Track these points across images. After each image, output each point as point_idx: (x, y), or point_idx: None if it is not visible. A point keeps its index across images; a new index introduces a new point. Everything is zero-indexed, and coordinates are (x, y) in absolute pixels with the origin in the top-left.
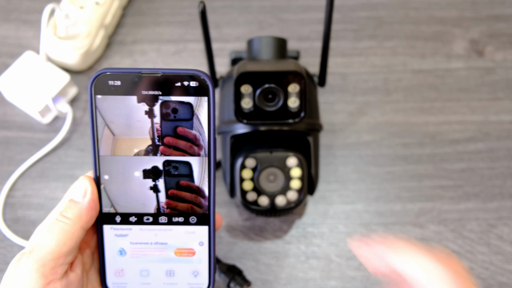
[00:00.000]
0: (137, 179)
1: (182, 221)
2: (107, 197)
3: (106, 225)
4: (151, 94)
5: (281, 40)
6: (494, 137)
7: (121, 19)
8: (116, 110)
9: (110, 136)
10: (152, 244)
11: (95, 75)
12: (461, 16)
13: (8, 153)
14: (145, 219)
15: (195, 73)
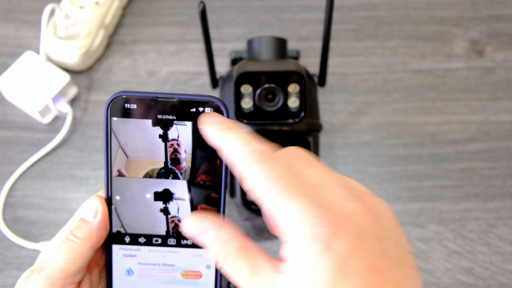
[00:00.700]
0: (148, 201)
1: (191, 244)
2: (117, 217)
3: (115, 244)
4: (166, 118)
5: (281, 40)
6: (494, 137)
7: (121, 19)
8: (131, 132)
9: (124, 157)
10: (159, 266)
11: (112, 98)
12: (461, 16)
13: (8, 153)
14: (154, 241)
15: (210, 100)
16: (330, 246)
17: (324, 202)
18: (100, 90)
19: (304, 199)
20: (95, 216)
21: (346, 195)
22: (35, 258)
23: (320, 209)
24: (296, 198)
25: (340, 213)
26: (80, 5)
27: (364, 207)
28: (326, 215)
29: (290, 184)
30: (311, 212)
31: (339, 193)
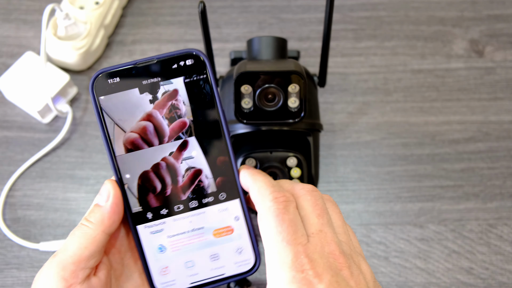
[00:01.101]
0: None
1: (213, 200)
2: (133, 195)
3: (139, 225)
4: (151, 82)
5: (281, 40)
6: (494, 137)
7: (121, 19)
8: (122, 106)
9: (122, 133)
10: (189, 233)
11: (94, 77)
12: (461, 16)
13: (8, 153)
14: (176, 209)
15: (188, 51)
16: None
17: (313, 253)
18: None
19: (295, 248)
20: (107, 200)
21: (335, 250)
22: (35, 258)
23: (306, 259)
24: (291, 246)
25: (324, 265)
26: (80, 5)
27: (348, 267)
28: (311, 266)
29: (291, 232)
30: (298, 260)
31: (330, 247)
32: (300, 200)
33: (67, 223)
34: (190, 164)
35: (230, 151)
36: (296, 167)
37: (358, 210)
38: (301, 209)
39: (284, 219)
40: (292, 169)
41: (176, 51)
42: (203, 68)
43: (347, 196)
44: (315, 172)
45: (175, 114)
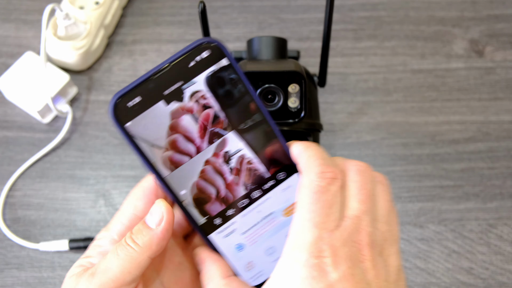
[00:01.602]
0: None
1: (274, 183)
2: (195, 210)
3: (211, 234)
4: (173, 90)
5: (281, 40)
6: (494, 137)
7: (121, 19)
8: (151, 125)
9: (160, 153)
10: (261, 222)
11: (112, 106)
12: (461, 16)
13: (8, 153)
14: (240, 205)
15: (201, 42)
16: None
17: (338, 240)
18: (100, 90)
19: (320, 232)
20: (159, 224)
21: (363, 240)
22: (35, 258)
23: (327, 245)
24: (316, 229)
25: (344, 254)
26: (80, 5)
27: (371, 259)
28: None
29: (323, 214)
30: (318, 246)
31: (358, 236)
32: (347, 179)
33: (67, 223)
34: (239, 158)
35: (274, 127)
36: None
37: None
38: (346, 189)
39: (320, 199)
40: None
41: (187, 47)
42: (221, 55)
43: None
44: None
45: (210, 114)
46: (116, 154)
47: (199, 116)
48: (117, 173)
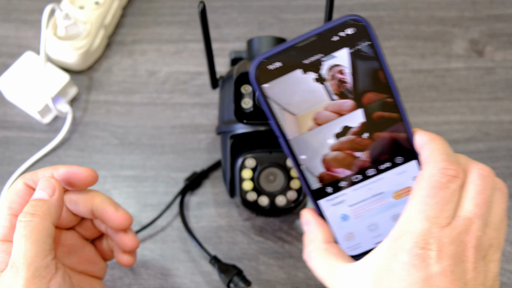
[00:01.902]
0: (334, 143)
1: (390, 165)
2: (311, 174)
3: (320, 199)
4: (313, 59)
5: (281, 40)
6: (494, 137)
7: (121, 19)
8: (287, 90)
9: (291, 117)
10: (369, 199)
11: (254, 66)
12: (461, 16)
13: (8, 153)
14: (354, 179)
15: (347, 20)
16: (422, 268)
17: (446, 237)
18: (100, 90)
19: (431, 226)
20: (52, 194)
21: (470, 242)
22: None
23: (435, 240)
24: (427, 223)
25: (450, 252)
26: (80, 5)
27: (474, 262)
28: (436, 247)
29: (437, 210)
30: (426, 239)
31: (467, 237)
32: (468, 180)
33: None
34: (365, 136)
35: (402, 113)
36: None
37: None
38: (464, 189)
39: (438, 195)
40: (292, 169)
41: (334, 22)
42: (366, 34)
43: None
44: None
45: (343, 89)
46: (116, 154)
47: (334, 89)
48: (117, 173)
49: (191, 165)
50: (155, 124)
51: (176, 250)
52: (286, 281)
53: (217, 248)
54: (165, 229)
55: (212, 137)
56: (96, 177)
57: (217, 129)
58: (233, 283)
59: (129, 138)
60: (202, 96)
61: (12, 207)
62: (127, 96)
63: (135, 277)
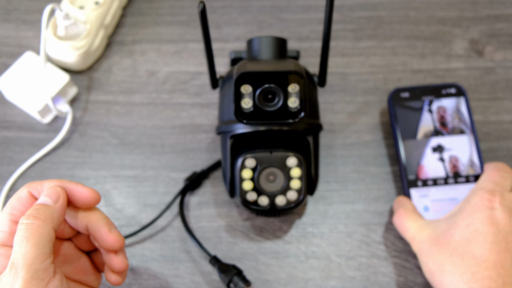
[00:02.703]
0: (430, 153)
1: (465, 180)
2: (410, 167)
3: (412, 188)
4: (428, 99)
5: (281, 40)
6: (494, 137)
7: (121, 19)
8: (407, 110)
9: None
10: (446, 200)
11: (393, 92)
12: (461, 16)
13: (8, 153)
14: (438, 182)
15: (452, 84)
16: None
17: (506, 195)
18: (100, 90)
19: (496, 187)
20: (56, 201)
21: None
22: None
23: (499, 196)
24: (494, 184)
25: (507, 205)
26: (80, 5)
27: None
28: (499, 198)
29: (499, 180)
30: (492, 191)
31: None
32: None
33: None
34: (451, 154)
35: (479, 156)
36: (296, 167)
37: (358, 210)
38: None
39: (500, 171)
40: (292, 169)
41: (443, 84)
42: (462, 94)
43: (347, 196)
44: (315, 172)
45: (443, 121)
46: (116, 154)
47: (437, 118)
48: (117, 173)
49: (191, 165)
50: (155, 124)
51: (176, 250)
52: (286, 281)
53: (217, 248)
54: (165, 229)
55: (212, 137)
56: (98, 199)
57: (217, 129)
58: (233, 283)
59: (129, 138)
60: (202, 96)
61: (13, 213)
62: (127, 96)
63: (135, 277)
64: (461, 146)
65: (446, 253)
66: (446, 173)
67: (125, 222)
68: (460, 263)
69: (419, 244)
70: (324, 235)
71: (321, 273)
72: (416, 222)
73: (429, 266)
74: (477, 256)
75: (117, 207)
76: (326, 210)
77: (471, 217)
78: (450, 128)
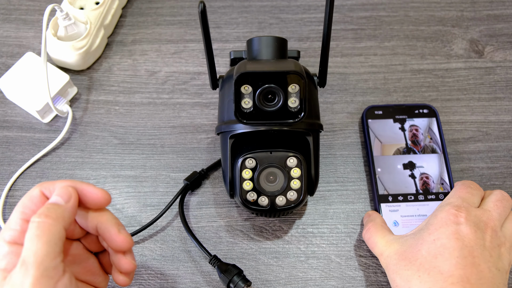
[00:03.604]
0: (399, 170)
1: (434, 198)
2: (381, 183)
3: (383, 203)
4: (401, 118)
5: (281, 40)
6: (494, 137)
7: (121, 19)
8: (381, 127)
9: (379, 143)
10: (416, 216)
11: (366, 109)
12: (461, 16)
13: (8, 153)
14: (409, 198)
15: (424, 105)
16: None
17: (472, 211)
18: (100, 90)
19: (463, 203)
20: (68, 201)
21: (489, 224)
22: None
23: (465, 212)
24: (461, 200)
25: (473, 219)
26: (80, 6)
27: (490, 240)
28: (465, 213)
29: (467, 196)
30: (458, 206)
31: (487, 221)
32: (490, 194)
33: None
34: (422, 171)
35: (449, 171)
36: (296, 167)
37: (358, 210)
38: (485, 197)
39: (467, 189)
40: (292, 169)
41: (416, 104)
42: (434, 115)
43: (347, 196)
44: (315, 172)
45: (414, 139)
46: (116, 154)
47: (409, 137)
48: (117, 173)
49: (191, 165)
50: (155, 124)
51: (176, 250)
52: (286, 281)
53: (217, 248)
54: (165, 229)
55: (212, 137)
56: (109, 200)
57: (217, 129)
58: (233, 283)
59: (129, 138)
60: (202, 96)
61: (25, 212)
62: (127, 96)
63: (135, 277)
64: (432, 165)
65: (413, 268)
66: (417, 189)
67: (125, 222)
68: (427, 278)
69: (387, 260)
70: (324, 235)
71: (321, 273)
72: (384, 237)
73: (396, 282)
74: (444, 271)
75: (117, 207)
76: (326, 210)
77: (438, 232)
78: (422, 146)
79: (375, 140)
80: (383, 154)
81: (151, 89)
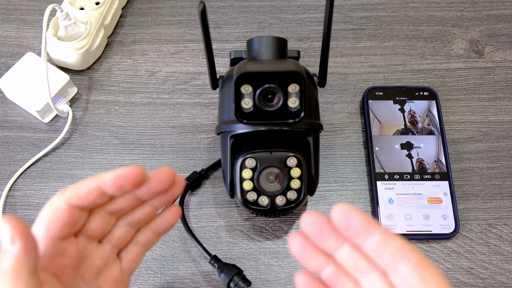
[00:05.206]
0: (397, 149)
1: (430, 177)
2: (378, 161)
3: (379, 181)
4: (401, 99)
5: (281, 40)
6: (494, 137)
7: (121, 19)
8: (381, 108)
9: (378, 123)
10: (411, 195)
11: (368, 89)
12: (461, 16)
13: (8, 153)
14: (405, 177)
15: (427, 87)
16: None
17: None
18: (100, 90)
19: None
20: (13, 243)
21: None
22: None
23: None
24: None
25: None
26: (80, 6)
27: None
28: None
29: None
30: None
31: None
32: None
33: None
34: (420, 152)
35: (447, 150)
36: (296, 167)
37: None
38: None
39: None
40: (292, 169)
41: (417, 86)
42: (434, 98)
43: (347, 196)
44: (315, 172)
45: (413, 120)
46: (116, 154)
47: (408, 118)
48: None
49: (191, 165)
50: (155, 124)
51: (176, 250)
52: (286, 281)
53: (217, 248)
54: None
55: (212, 137)
56: (144, 173)
57: (217, 129)
58: (233, 283)
59: (129, 138)
60: (202, 96)
61: (50, 229)
62: (127, 96)
63: (135, 277)
64: (429, 146)
65: None
66: (413, 169)
67: None
68: None
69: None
70: None
71: None
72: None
73: None
74: None
75: None
76: (326, 210)
77: None
78: (420, 128)
79: (374, 120)
80: (381, 134)
81: (151, 89)
